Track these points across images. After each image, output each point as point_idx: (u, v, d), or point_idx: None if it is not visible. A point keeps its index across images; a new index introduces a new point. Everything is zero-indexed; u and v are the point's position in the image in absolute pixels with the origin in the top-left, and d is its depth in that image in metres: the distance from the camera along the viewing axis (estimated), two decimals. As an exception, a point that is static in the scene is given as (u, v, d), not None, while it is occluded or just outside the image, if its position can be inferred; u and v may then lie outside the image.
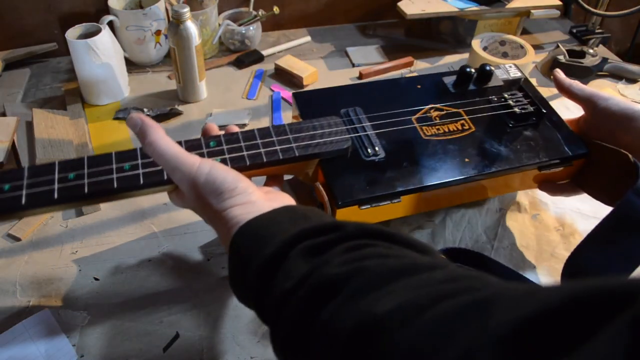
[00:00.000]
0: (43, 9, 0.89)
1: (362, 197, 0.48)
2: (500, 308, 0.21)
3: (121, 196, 0.44)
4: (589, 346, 0.16)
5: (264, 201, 0.40)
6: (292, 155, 0.47)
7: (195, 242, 0.60)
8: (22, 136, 0.72)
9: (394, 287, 0.26)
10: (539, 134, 0.57)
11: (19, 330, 0.50)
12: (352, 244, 0.31)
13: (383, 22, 1.08)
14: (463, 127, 0.56)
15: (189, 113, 0.81)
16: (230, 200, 0.39)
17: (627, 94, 0.87)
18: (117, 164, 0.44)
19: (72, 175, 0.42)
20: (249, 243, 0.35)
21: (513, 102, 0.59)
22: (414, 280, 0.26)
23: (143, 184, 0.43)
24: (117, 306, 0.53)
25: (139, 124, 0.40)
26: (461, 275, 0.26)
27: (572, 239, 0.62)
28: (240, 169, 0.44)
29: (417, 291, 0.25)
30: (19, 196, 0.41)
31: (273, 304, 0.31)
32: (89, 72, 0.77)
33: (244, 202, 0.39)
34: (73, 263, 0.57)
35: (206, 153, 0.46)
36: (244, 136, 0.48)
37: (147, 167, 0.44)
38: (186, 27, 0.74)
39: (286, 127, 0.49)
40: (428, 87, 0.61)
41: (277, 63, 0.89)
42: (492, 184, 0.55)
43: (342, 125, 0.50)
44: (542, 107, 0.58)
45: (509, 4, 0.94)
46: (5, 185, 0.41)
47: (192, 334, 0.51)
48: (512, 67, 0.66)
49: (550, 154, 0.55)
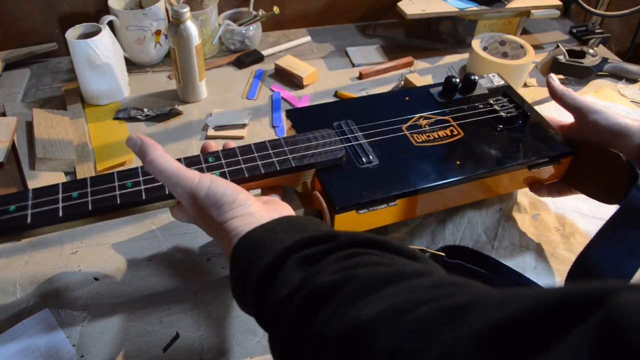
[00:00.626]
0: (43, 9, 0.89)
1: (359, 201, 0.49)
2: (478, 312, 0.21)
3: (124, 212, 0.46)
4: (557, 348, 0.17)
5: (263, 212, 0.41)
6: (289, 166, 0.49)
7: (195, 242, 0.60)
8: (22, 136, 0.72)
9: (382, 294, 0.27)
10: (526, 136, 0.59)
11: (19, 330, 0.50)
12: (345, 253, 0.32)
13: (383, 22, 1.08)
14: (452, 132, 0.58)
15: (189, 113, 0.81)
16: (230, 213, 0.40)
17: (627, 94, 0.87)
18: (119, 182, 0.46)
19: (76, 194, 0.44)
20: (247, 254, 0.37)
21: (498, 107, 0.61)
22: (401, 287, 0.27)
23: (145, 200, 0.45)
24: (117, 306, 0.53)
25: (138, 144, 0.42)
26: (446, 282, 0.27)
27: (572, 239, 0.62)
28: (239, 182, 0.46)
29: (402, 297, 0.26)
30: (24, 216, 0.42)
31: (270, 312, 0.33)
32: (89, 72, 0.77)
33: (244, 214, 0.40)
34: (73, 263, 0.57)
35: (205, 168, 0.48)
36: (241, 150, 0.50)
37: (148, 184, 0.46)
38: (186, 27, 0.74)
39: (282, 140, 0.51)
40: (416, 99, 0.63)
41: (277, 63, 0.89)
42: (485, 185, 0.56)
43: (335, 137, 0.53)
44: (526, 111, 0.60)
45: (509, 4, 0.94)
46: (10, 206, 0.43)
47: (192, 334, 0.51)
48: (495, 75, 0.68)
49: (539, 154, 0.56)
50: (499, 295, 0.22)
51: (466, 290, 0.25)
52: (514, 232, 0.62)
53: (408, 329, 0.23)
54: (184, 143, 0.75)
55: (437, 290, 0.26)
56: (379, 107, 0.61)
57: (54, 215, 0.43)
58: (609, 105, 0.80)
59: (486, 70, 0.85)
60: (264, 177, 0.48)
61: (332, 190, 0.49)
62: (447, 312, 0.23)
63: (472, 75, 0.64)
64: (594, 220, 0.64)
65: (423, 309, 0.23)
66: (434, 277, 0.28)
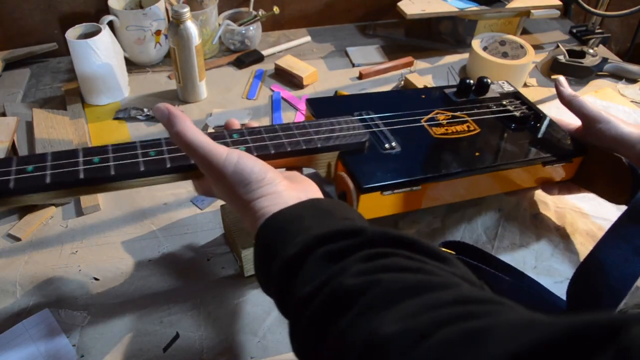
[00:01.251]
0: (43, 9, 0.89)
1: (384, 182, 0.50)
2: (499, 338, 0.21)
3: (144, 182, 0.45)
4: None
5: (291, 191, 0.40)
6: (315, 146, 0.49)
7: (195, 242, 0.60)
8: (22, 136, 0.72)
9: (405, 306, 0.26)
10: (540, 135, 0.61)
11: (19, 330, 0.50)
12: (370, 252, 0.32)
13: (383, 22, 1.08)
14: (469, 128, 0.59)
15: (189, 113, 0.80)
16: (258, 191, 0.39)
17: (627, 94, 0.87)
18: (142, 150, 0.45)
19: (97, 159, 0.43)
20: (273, 236, 0.36)
21: (512, 107, 0.63)
22: (424, 300, 0.27)
23: (170, 168, 0.44)
24: (117, 306, 0.53)
25: (166, 115, 0.40)
26: (471, 298, 0.27)
27: (572, 239, 0.62)
28: (263, 158, 0.45)
29: (424, 314, 0.25)
30: (43, 176, 0.41)
31: (292, 305, 0.32)
32: (89, 72, 0.77)
33: (271, 193, 0.40)
34: (73, 263, 0.57)
35: (230, 142, 0.47)
36: (266, 129, 0.49)
37: (172, 153, 0.45)
38: (186, 27, 0.74)
39: (306, 123, 0.52)
40: (432, 97, 0.65)
41: (277, 63, 0.89)
42: (503, 178, 0.58)
43: (358, 122, 0.53)
44: (539, 112, 0.63)
45: (509, 4, 0.94)
46: (29, 166, 0.42)
47: (192, 334, 0.51)
48: (505, 83, 0.71)
49: (552, 151, 0.58)
50: (519, 321, 0.22)
51: (489, 309, 0.25)
52: (514, 231, 0.62)
53: (427, 354, 0.23)
54: (184, 143, 0.75)
55: (460, 307, 0.26)
56: (397, 101, 0.63)
57: (75, 177, 0.42)
58: (609, 105, 0.80)
59: (486, 70, 0.85)
60: (289, 155, 0.48)
61: (358, 172, 0.50)
62: (467, 337, 0.22)
63: (486, 79, 0.66)
64: (594, 220, 0.64)
65: (443, 333, 0.23)
66: (459, 290, 0.28)
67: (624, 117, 0.77)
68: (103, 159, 0.43)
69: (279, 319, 0.52)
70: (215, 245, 0.60)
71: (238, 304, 0.54)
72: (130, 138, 0.75)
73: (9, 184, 0.40)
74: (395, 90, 0.68)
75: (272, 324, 0.52)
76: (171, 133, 0.40)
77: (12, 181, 0.41)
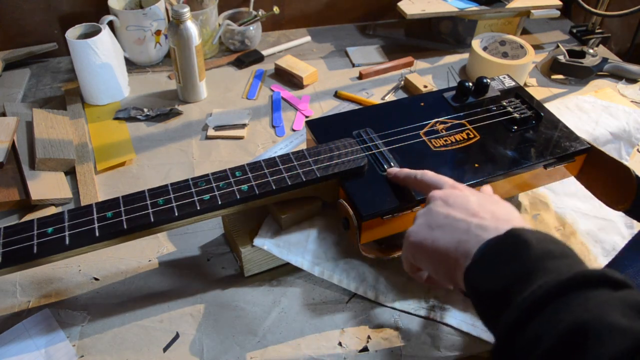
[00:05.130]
0: (43, 9, 0.89)
1: (384, 208, 0.50)
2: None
3: (156, 230, 0.48)
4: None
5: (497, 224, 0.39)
6: (314, 176, 0.51)
7: (195, 242, 0.60)
8: (22, 136, 0.71)
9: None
10: (540, 135, 0.60)
11: (19, 330, 0.50)
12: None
13: (383, 22, 1.08)
14: (468, 136, 0.59)
15: (189, 113, 0.81)
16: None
17: (627, 94, 0.87)
18: (151, 200, 0.48)
19: (110, 214, 0.46)
20: (509, 257, 0.34)
21: (512, 108, 0.62)
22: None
23: (178, 216, 0.47)
24: (117, 306, 0.53)
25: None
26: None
27: (572, 239, 0.62)
28: (266, 195, 0.49)
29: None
30: (62, 237, 0.44)
31: (521, 344, 0.30)
32: (89, 72, 0.77)
33: None
34: (73, 263, 0.57)
35: (233, 182, 0.49)
36: (267, 164, 0.52)
37: (179, 201, 0.48)
38: (186, 27, 0.74)
39: (305, 152, 0.53)
40: (430, 104, 0.64)
41: (277, 63, 0.89)
42: (501, 187, 0.57)
43: (356, 145, 0.55)
44: (539, 111, 0.61)
45: (509, 4, 0.94)
46: (48, 229, 0.44)
47: (192, 334, 0.51)
48: (506, 77, 0.69)
49: (553, 152, 0.57)
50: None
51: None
52: (514, 232, 0.62)
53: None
54: (184, 143, 0.75)
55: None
56: (396, 113, 0.62)
57: (91, 236, 0.44)
58: (609, 105, 0.80)
59: (486, 70, 0.85)
60: (290, 189, 0.50)
61: (357, 198, 0.50)
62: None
63: (485, 79, 0.65)
64: (594, 220, 0.64)
65: None
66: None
67: (623, 117, 0.77)
68: (115, 213, 0.46)
69: (279, 319, 0.52)
70: (215, 245, 0.60)
71: (238, 304, 0.54)
72: (130, 138, 0.75)
73: (32, 249, 0.43)
74: (394, 101, 0.67)
75: (272, 324, 0.52)
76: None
77: (35, 246, 0.43)
